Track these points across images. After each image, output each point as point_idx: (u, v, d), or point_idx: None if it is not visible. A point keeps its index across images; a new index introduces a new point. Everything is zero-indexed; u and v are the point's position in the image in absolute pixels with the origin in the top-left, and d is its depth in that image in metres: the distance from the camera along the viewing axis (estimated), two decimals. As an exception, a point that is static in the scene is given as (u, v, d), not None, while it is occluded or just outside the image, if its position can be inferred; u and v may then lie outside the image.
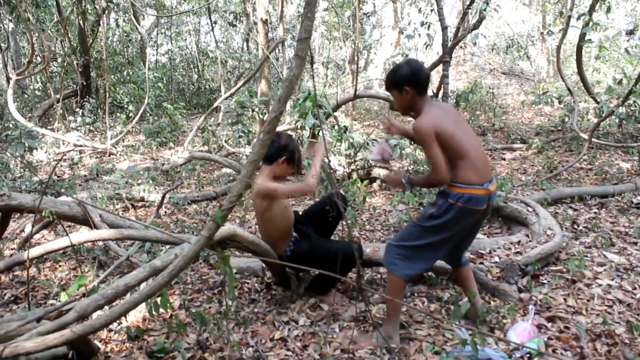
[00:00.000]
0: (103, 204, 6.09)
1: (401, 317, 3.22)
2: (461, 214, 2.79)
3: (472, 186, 2.77)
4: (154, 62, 17.96)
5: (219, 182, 7.76)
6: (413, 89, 2.88)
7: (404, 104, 2.98)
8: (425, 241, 2.88)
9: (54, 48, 13.79)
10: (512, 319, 3.21)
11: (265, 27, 9.96)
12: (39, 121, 12.03)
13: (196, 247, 2.21)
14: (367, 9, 17.76)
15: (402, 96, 2.93)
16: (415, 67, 2.93)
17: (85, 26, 13.35)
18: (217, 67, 13.72)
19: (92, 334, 2.37)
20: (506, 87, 16.50)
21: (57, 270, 4.54)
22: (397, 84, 2.92)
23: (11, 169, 8.14)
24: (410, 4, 14.31)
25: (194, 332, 3.25)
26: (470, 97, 9.59)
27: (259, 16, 9.93)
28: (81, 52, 13.20)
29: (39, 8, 13.62)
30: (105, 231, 4.10)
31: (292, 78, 1.94)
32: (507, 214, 5.06)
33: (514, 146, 9.10)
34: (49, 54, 11.85)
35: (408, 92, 2.89)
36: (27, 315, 2.61)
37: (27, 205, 4.11)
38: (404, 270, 2.91)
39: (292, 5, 18.89)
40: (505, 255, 4.02)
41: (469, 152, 2.78)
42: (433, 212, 2.84)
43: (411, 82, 2.88)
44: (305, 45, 1.91)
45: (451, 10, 18.31)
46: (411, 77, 2.88)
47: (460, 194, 2.77)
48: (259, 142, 2.11)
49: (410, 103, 2.94)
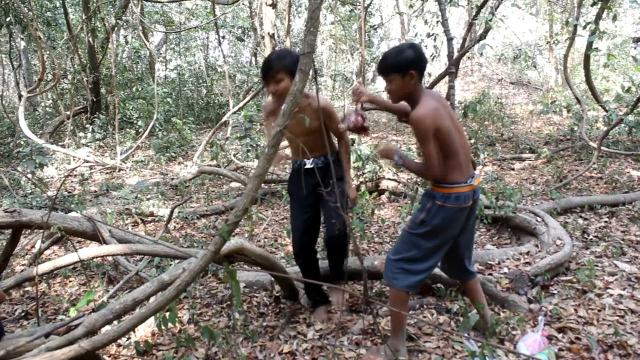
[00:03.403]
0: (112, 219, 6.12)
1: (409, 329, 3.21)
2: (451, 214, 2.76)
3: (458, 185, 2.74)
4: (163, 77, 18.12)
5: (227, 196, 7.78)
6: (416, 74, 2.72)
7: (406, 90, 2.78)
8: (421, 250, 2.84)
9: (65, 65, 13.94)
10: (522, 330, 3.18)
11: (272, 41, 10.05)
12: (50, 138, 12.13)
13: (203, 262, 2.22)
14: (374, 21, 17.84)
15: (405, 81, 2.73)
16: (420, 50, 2.77)
17: (95, 43, 13.49)
18: (226, 81, 13.79)
19: (101, 349, 2.38)
20: (514, 97, 16.48)
21: (67, 286, 4.56)
22: (402, 67, 2.71)
23: (22, 186, 8.21)
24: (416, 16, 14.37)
25: (202, 347, 3.24)
26: (478, 107, 9.58)
27: (266, 30, 10.02)
28: (91, 69, 13.33)
29: (49, 26, 13.81)
30: (115, 246, 4.12)
31: (295, 92, 1.95)
32: (516, 224, 5.04)
33: (522, 156, 9.07)
34: (59, 72, 11.99)
35: (413, 77, 2.71)
36: (37, 330, 2.63)
37: (37, 221, 4.14)
38: (405, 282, 2.87)
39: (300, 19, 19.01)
40: (514, 266, 3.99)
41: (459, 152, 2.75)
42: (423, 217, 2.81)
43: (416, 65, 2.72)
44: (308, 59, 1.93)
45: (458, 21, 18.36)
46: (417, 61, 2.72)
47: (448, 194, 2.74)
48: (264, 157, 2.12)
49: (412, 89, 2.76)
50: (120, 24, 14.11)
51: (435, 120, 2.65)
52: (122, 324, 2.28)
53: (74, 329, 2.45)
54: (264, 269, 3.60)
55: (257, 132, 9.90)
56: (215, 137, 10.54)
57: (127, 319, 2.34)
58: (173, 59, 19.79)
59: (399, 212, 6.11)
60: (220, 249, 2.20)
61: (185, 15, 18.74)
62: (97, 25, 13.54)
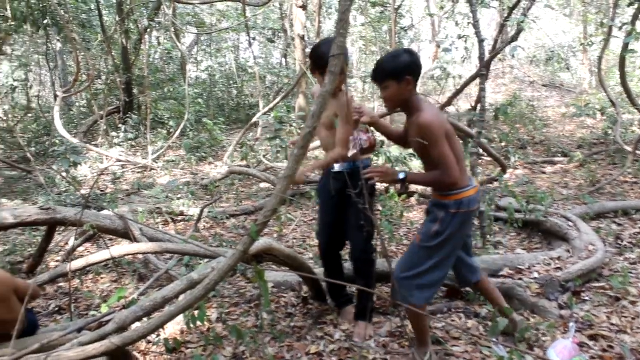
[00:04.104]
0: (144, 218, 6.20)
1: (437, 333, 3.19)
2: (465, 219, 2.72)
3: (466, 188, 2.69)
4: (194, 78, 18.30)
5: (257, 197, 7.82)
6: (413, 80, 2.66)
7: (402, 97, 2.70)
8: (436, 259, 2.75)
9: (99, 66, 14.19)
10: (552, 336, 3.13)
11: (302, 42, 10.08)
12: (84, 137, 12.35)
13: (231, 261, 2.23)
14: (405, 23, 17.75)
15: (401, 87, 2.66)
16: (416, 55, 2.71)
17: (128, 45, 13.70)
18: (256, 82, 13.87)
19: (131, 345, 2.42)
20: (547, 100, 16.22)
21: (99, 283, 4.64)
22: (398, 73, 2.63)
23: (57, 184, 8.37)
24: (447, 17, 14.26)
25: (230, 346, 3.27)
26: (510, 110, 9.47)
27: (297, 32, 10.06)
28: (124, 70, 13.54)
29: (85, 28, 14.07)
30: (145, 245, 4.19)
31: (324, 94, 1.96)
32: (547, 228, 4.97)
33: (554, 160, 8.94)
34: (93, 72, 12.22)
35: (409, 83, 2.64)
36: (69, 325, 2.68)
37: (70, 219, 4.23)
38: (423, 296, 2.77)
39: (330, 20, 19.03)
40: (545, 271, 3.93)
41: (460, 155, 2.70)
42: (437, 229, 2.71)
43: (412, 71, 2.65)
44: (338, 61, 1.93)
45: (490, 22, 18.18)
46: (413, 66, 2.66)
47: (460, 200, 2.68)
48: (293, 158, 2.13)
49: (408, 96, 2.69)
50: (153, 25, 14.34)
51: (443, 123, 2.62)
52: (152, 321, 2.31)
53: (105, 325, 2.50)
54: (292, 270, 3.62)
55: (287, 133, 9.93)
56: (245, 138, 10.60)
57: (157, 317, 2.37)
58: (204, 60, 19.98)
59: (428, 215, 6.07)
60: (249, 248, 2.22)
61: (216, 17, 18.90)
62: (131, 27, 13.77)
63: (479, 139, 5.03)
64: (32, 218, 4.19)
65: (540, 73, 19.09)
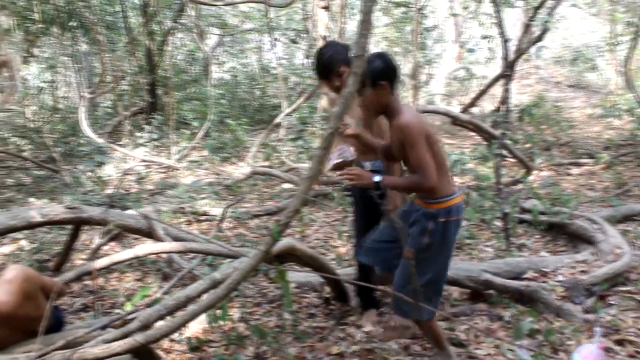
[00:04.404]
0: (167, 217, 6.25)
1: (460, 335, 3.17)
2: (454, 226, 2.68)
3: (452, 196, 2.65)
4: (218, 79, 18.40)
5: (280, 197, 7.84)
6: (388, 84, 2.64)
7: (379, 102, 2.67)
8: (433, 270, 2.70)
9: (123, 67, 14.35)
10: (577, 340, 3.09)
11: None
12: (109, 137, 12.50)
13: (254, 261, 2.25)
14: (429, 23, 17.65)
15: (377, 92, 2.63)
16: (389, 59, 2.68)
17: (153, 46, 13.84)
18: (279, 83, 13.91)
19: (154, 343, 2.44)
20: (572, 101, 16.00)
21: (123, 281, 4.69)
22: (372, 79, 2.59)
23: (83, 183, 8.49)
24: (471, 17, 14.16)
25: (252, 345, 3.29)
26: (535, 111, 9.35)
27: (319, 33, 10.05)
28: (148, 71, 13.68)
29: (110, 30, 14.25)
30: (169, 244, 4.23)
31: (347, 95, 1.96)
32: (573, 231, 4.90)
33: (580, 161, 8.81)
34: (118, 73, 12.37)
35: (384, 87, 2.62)
36: (94, 323, 2.72)
37: (96, 217, 4.28)
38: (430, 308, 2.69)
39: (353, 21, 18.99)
40: (569, 274, 3.88)
41: (444, 161, 2.67)
42: (428, 241, 2.66)
43: (387, 75, 2.63)
44: (360, 62, 1.93)
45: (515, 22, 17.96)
46: (387, 70, 2.64)
47: (448, 208, 2.63)
48: (315, 158, 2.14)
49: (386, 100, 2.66)
50: (176, 27, 14.44)
51: (423, 127, 2.58)
52: (175, 320, 2.33)
53: (130, 323, 2.52)
54: (314, 270, 3.62)
55: (310, 134, 9.93)
56: (268, 139, 10.64)
57: (180, 315, 2.40)
58: (228, 61, 20.08)
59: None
60: (271, 248, 2.23)
61: (240, 18, 18.98)
62: (155, 28, 13.91)
63: (503, 140, 4.99)
64: (58, 217, 4.25)
65: (566, 73, 18.82)
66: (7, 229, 4.06)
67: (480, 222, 5.72)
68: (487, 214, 5.58)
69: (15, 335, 2.45)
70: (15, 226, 4.09)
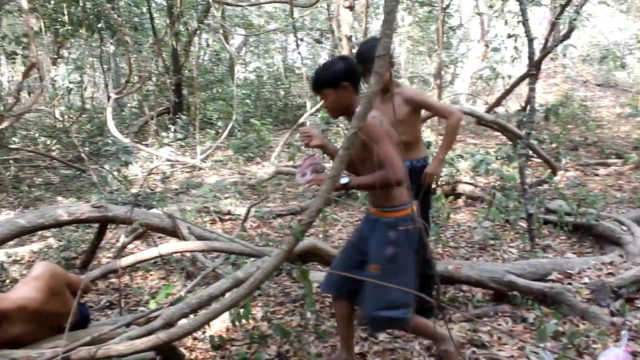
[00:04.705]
0: (192, 216, 6.31)
1: (483, 337, 3.15)
2: (415, 234, 2.60)
3: (407, 206, 2.60)
4: (243, 79, 18.51)
5: (303, 197, 7.86)
6: (351, 85, 2.63)
7: (342, 103, 2.67)
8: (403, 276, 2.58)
9: (149, 68, 14.52)
10: (603, 344, 3.04)
11: (349, 43, 10.08)
12: (135, 137, 12.66)
13: (276, 261, 2.26)
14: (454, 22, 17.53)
15: (339, 94, 2.63)
16: (351, 62, 2.69)
17: (178, 47, 13.98)
18: (303, 83, 13.94)
19: (177, 340, 2.47)
20: (600, 100, 15.73)
21: (147, 279, 4.75)
22: (333, 80, 2.62)
23: (109, 182, 8.61)
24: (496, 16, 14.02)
25: (275, 344, 3.30)
26: (561, 110, 9.22)
27: (344, 33, 10.06)
28: (174, 72, 13.83)
29: (136, 31, 14.45)
30: (193, 243, 4.27)
31: (370, 94, 1.96)
32: (599, 232, 4.82)
33: (608, 161, 8.67)
34: (144, 74, 12.52)
35: (346, 89, 2.62)
36: (119, 320, 2.76)
37: (121, 216, 4.34)
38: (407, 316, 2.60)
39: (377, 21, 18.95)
40: (596, 276, 3.81)
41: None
42: (392, 252, 2.58)
43: (349, 77, 2.62)
44: (383, 62, 1.93)
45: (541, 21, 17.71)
46: (349, 72, 2.63)
47: (404, 217, 2.58)
48: (338, 158, 2.14)
49: (348, 102, 2.65)
50: (202, 27, 14.57)
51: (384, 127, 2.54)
52: (198, 318, 2.35)
53: (153, 321, 2.56)
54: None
55: (334, 134, 9.95)
56: (292, 138, 10.67)
57: (203, 314, 2.42)
58: (252, 61, 20.19)
59: (475, 217, 5.98)
60: (294, 248, 2.24)
61: (264, 18, 19.09)
62: (181, 29, 14.05)
63: (528, 140, 4.94)
64: (85, 215, 4.33)
65: (594, 72, 18.52)
66: (36, 227, 4.14)
67: (504, 222, 5.67)
68: (512, 214, 5.52)
69: (42, 331, 2.50)
70: (43, 224, 4.17)
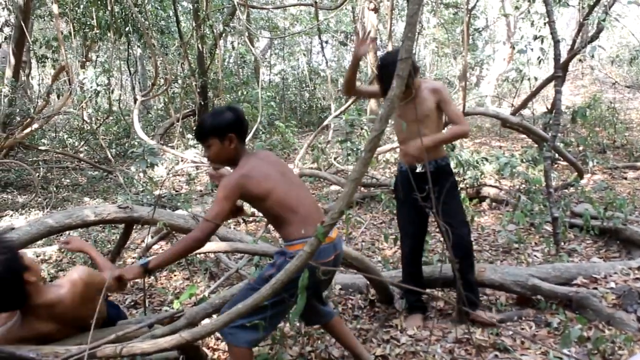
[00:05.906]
0: (216, 218, 6.35)
1: (506, 341, 3.12)
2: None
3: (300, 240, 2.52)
4: (267, 81, 18.62)
5: (327, 199, 7.87)
6: (236, 137, 2.59)
7: (227, 154, 2.63)
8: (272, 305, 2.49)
9: (175, 71, 14.69)
10: (630, 350, 2.99)
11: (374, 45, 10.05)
12: (161, 139, 12.81)
13: (299, 262, 2.26)
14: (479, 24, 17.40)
15: (224, 145, 2.59)
16: (239, 112, 2.66)
17: (204, 49, 14.11)
18: (328, 85, 13.97)
19: (200, 340, 2.49)
20: (630, 102, 15.46)
21: (172, 280, 4.81)
22: (220, 130, 2.57)
23: (135, 184, 8.72)
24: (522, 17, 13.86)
25: (297, 345, 3.31)
26: (589, 112, 9.08)
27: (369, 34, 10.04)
28: (200, 74, 13.96)
29: (163, 34, 14.62)
30: (216, 244, 4.30)
31: (392, 97, 1.95)
32: (627, 237, 4.75)
33: (637, 164, 8.51)
34: (170, 77, 12.66)
35: (232, 140, 2.59)
36: (144, 319, 2.80)
37: (146, 217, 4.39)
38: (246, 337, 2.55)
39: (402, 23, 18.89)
40: (622, 281, 3.75)
41: (296, 206, 2.56)
42: (271, 273, 2.49)
43: (236, 127, 2.59)
44: (405, 65, 1.93)
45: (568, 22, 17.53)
46: (236, 123, 2.60)
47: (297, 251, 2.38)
48: (361, 161, 2.14)
49: (232, 153, 2.62)
50: (227, 30, 14.70)
51: (252, 180, 2.50)
52: (221, 318, 2.37)
53: (177, 320, 2.59)
54: (359, 272, 3.62)
55: (358, 136, 9.94)
56: (316, 141, 10.68)
57: (225, 314, 2.44)
58: (277, 64, 20.30)
59: (500, 220, 5.93)
60: (316, 250, 2.24)
61: (289, 21, 19.19)
62: (206, 32, 14.18)
63: (553, 143, 4.88)
64: (111, 216, 4.38)
65: (623, 73, 18.22)
66: (64, 227, 4.21)
67: (529, 226, 5.61)
68: (537, 218, 5.46)
69: (69, 331, 2.54)
70: (70, 224, 4.24)
